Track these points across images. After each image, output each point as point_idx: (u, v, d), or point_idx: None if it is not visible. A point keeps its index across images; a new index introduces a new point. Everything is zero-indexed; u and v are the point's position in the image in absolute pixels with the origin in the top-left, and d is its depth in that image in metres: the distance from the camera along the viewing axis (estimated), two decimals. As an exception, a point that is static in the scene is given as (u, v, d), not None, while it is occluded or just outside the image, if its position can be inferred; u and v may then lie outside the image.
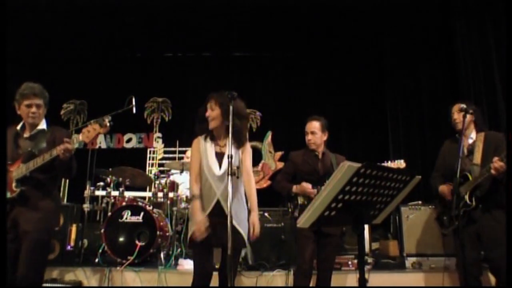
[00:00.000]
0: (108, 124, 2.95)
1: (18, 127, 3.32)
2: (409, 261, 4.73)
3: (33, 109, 3.22)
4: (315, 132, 3.83)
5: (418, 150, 7.08)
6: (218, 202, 2.99)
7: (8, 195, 3.10)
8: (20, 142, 3.27)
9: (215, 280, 3.09)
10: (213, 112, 3.09)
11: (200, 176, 3.10)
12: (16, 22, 7.38)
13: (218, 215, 2.91)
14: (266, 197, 6.78)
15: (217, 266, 3.28)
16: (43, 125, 3.34)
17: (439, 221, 3.84)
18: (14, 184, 3.10)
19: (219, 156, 3.08)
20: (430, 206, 4.82)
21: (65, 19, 7.48)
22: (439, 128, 6.80)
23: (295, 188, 3.76)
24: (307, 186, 3.69)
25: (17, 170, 3.12)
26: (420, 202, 4.94)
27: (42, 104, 3.27)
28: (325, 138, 3.89)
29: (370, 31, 7.70)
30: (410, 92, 7.35)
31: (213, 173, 3.03)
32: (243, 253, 4.50)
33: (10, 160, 3.21)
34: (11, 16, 7.17)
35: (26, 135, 3.30)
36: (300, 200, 3.76)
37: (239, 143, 3.09)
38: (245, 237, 3.01)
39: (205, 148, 3.14)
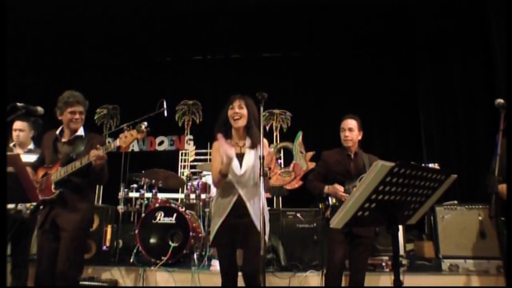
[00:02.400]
0: (145, 130, 3.04)
1: (57, 132, 3.47)
2: (445, 263, 4.59)
3: (77, 116, 3.38)
4: (353, 129, 3.79)
5: (453, 149, 6.91)
6: (239, 198, 3.12)
7: (48, 197, 3.24)
8: (58, 147, 3.43)
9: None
10: (242, 110, 3.21)
11: None
12: (49, 29, 7.64)
13: (238, 212, 3.08)
14: (298, 198, 6.79)
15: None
16: (81, 131, 3.48)
17: (495, 220, 3.67)
18: (53, 186, 3.24)
19: (239, 157, 3.17)
20: (466, 206, 4.69)
21: (96, 26, 7.67)
22: (474, 126, 6.63)
23: (327, 188, 3.72)
24: (339, 188, 3.64)
25: (55, 173, 3.26)
26: (456, 202, 4.79)
27: (83, 111, 3.45)
28: (360, 137, 3.86)
29: (402, 30, 7.56)
30: (443, 91, 7.16)
31: (234, 173, 3.12)
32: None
33: (49, 164, 3.37)
34: (45, 24, 7.43)
35: (64, 139, 3.44)
36: (332, 201, 3.71)
37: (255, 143, 3.21)
38: (267, 238, 3.09)
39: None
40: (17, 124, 4.26)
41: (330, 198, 3.73)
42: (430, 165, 3.75)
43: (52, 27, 7.64)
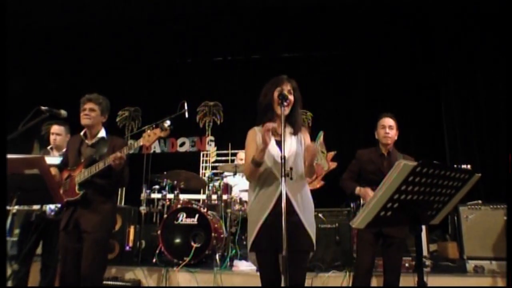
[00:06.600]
0: (168, 128, 3.05)
1: (81, 134, 3.53)
2: (470, 265, 4.52)
3: (86, 112, 3.41)
4: (392, 127, 3.79)
5: (476, 147, 6.78)
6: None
7: (72, 198, 3.28)
8: (82, 150, 3.47)
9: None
10: (291, 96, 2.81)
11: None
12: (71, 34, 7.80)
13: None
14: (319, 198, 6.74)
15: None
16: (102, 133, 3.52)
17: None
18: (77, 187, 3.28)
19: (279, 144, 2.61)
20: (491, 206, 4.59)
21: (117, 30, 7.80)
22: (498, 123, 6.49)
23: (358, 189, 3.65)
24: (370, 193, 3.49)
25: (79, 175, 3.30)
26: (480, 201, 4.71)
27: (96, 109, 3.44)
28: (396, 137, 3.84)
29: (423, 28, 7.46)
30: (465, 87, 7.05)
31: (275, 161, 2.63)
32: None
33: (73, 166, 3.41)
34: (67, 29, 7.59)
35: (88, 142, 3.49)
36: (363, 201, 3.67)
37: (297, 130, 2.85)
38: (314, 240, 2.65)
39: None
40: (55, 129, 4.39)
41: (361, 199, 3.70)
42: (463, 167, 3.70)
43: (74, 32, 7.80)
